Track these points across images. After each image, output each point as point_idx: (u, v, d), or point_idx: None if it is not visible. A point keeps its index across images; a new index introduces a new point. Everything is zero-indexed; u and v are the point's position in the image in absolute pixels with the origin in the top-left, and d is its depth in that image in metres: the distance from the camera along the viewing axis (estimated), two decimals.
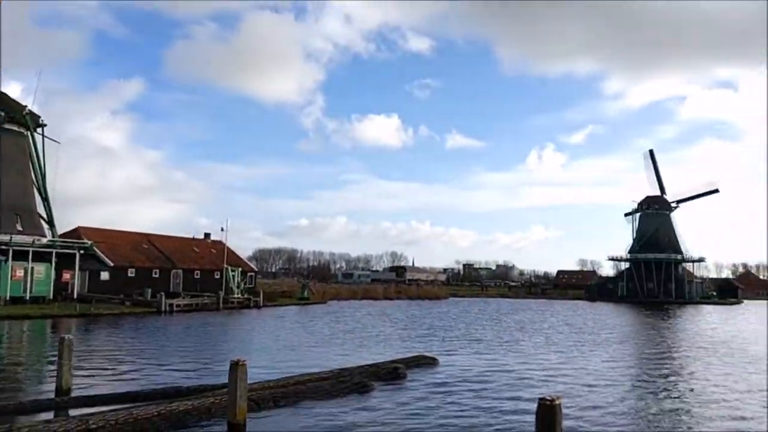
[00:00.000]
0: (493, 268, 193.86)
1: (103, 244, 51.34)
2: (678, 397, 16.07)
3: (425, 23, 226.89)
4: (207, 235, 67.62)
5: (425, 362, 20.65)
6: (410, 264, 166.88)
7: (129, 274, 51.91)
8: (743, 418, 13.57)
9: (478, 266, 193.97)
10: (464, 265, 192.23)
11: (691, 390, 17.21)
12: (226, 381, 11.63)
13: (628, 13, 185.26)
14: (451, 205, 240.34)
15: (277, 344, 26.61)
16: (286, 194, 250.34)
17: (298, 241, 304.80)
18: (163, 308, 43.51)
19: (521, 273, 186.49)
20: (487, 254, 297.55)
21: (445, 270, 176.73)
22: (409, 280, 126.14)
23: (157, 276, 54.06)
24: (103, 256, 50.26)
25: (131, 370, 18.46)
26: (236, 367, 11.02)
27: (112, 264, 50.51)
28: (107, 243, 52.30)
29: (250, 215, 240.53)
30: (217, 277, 58.59)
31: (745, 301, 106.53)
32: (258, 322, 39.55)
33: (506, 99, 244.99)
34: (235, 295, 54.44)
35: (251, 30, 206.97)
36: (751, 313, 69.73)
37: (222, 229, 61.38)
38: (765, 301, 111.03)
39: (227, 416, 11.20)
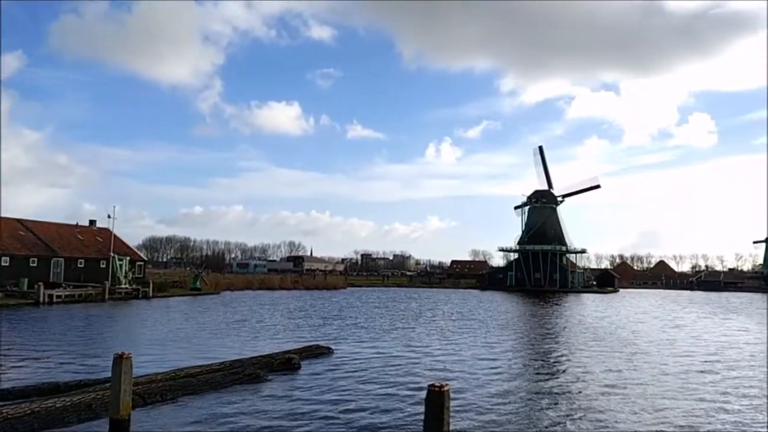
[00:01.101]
0: (391, 258, 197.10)
1: None
2: (560, 378, 17.14)
3: (328, 12, 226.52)
4: (92, 222, 63.78)
5: (319, 352, 20.73)
6: (308, 254, 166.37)
7: (2, 263, 48.00)
8: (611, 392, 14.73)
9: (375, 256, 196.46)
10: (362, 255, 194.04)
11: (572, 371, 18.42)
12: (110, 375, 11.10)
13: (525, 15, 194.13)
14: (351, 195, 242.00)
15: (167, 336, 25.67)
16: (179, 181, 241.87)
17: (191, 230, 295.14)
18: (41, 299, 40.69)
19: (417, 263, 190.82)
20: (384, 244, 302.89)
21: (343, 260, 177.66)
22: (307, 270, 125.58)
23: (35, 265, 50.35)
24: None
25: (1, 366, 17.13)
26: (120, 360, 10.53)
27: None
28: None
29: (140, 202, 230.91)
30: (103, 266, 55.47)
31: (621, 290, 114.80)
32: (147, 313, 37.91)
33: (407, 92, 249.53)
34: (123, 286, 51.94)
35: (146, 9, 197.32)
36: (625, 301, 75.35)
37: (109, 216, 57.98)
38: (638, 290, 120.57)
39: (110, 412, 10.70)
